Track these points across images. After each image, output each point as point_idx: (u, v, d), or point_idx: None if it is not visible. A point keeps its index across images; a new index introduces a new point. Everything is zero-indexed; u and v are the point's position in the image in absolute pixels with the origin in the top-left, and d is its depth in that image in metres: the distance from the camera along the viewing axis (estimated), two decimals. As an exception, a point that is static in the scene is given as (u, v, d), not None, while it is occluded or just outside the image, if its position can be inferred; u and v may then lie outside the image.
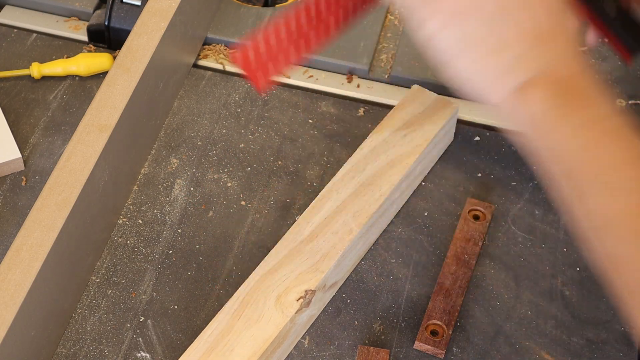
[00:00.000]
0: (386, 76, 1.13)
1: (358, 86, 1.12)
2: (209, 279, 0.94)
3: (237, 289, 0.92)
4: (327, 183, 0.97)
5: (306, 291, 0.88)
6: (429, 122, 1.01)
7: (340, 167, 1.02)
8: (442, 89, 1.01)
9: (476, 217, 0.99)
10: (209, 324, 0.87)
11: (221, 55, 1.13)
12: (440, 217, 1.00)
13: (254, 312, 0.87)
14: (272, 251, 0.91)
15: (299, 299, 0.87)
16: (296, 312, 0.87)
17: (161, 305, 0.92)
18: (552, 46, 0.74)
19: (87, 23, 1.14)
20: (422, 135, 1.00)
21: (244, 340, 0.85)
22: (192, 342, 0.88)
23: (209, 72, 1.11)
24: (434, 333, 0.90)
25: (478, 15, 0.73)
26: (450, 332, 0.90)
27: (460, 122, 1.07)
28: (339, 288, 0.94)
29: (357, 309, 0.93)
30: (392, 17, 1.18)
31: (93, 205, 0.90)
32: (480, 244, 0.97)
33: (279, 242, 0.92)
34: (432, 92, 1.04)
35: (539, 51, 0.73)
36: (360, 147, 1.00)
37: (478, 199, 1.01)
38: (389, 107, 1.05)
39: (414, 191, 1.02)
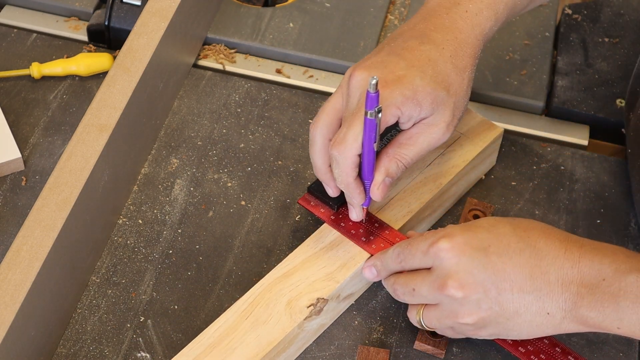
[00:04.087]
0: (386, 76, 1.13)
1: (358, 86, 1.12)
2: (209, 279, 0.94)
3: (237, 289, 0.92)
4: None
5: (318, 299, 0.87)
6: (470, 144, 0.98)
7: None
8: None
9: (476, 217, 0.99)
10: (215, 320, 0.86)
11: (221, 55, 1.13)
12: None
13: (262, 313, 0.86)
14: (291, 255, 0.90)
15: (310, 305, 0.86)
16: (305, 319, 0.86)
17: (161, 305, 0.92)
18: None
19: (87, 23, 1.14)
20: (460, 156, 0.97)
21: (247, 340, 0.84)
22: (192, 341, 0.88)
23: (209, 72, 1.11)
24: (434, 333, 0.90)
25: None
26: (450, 332, 0.90)
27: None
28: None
29: (357, 309, 0.93)
30: (392, 17, 1.18)
31: (93, 205, 0.90)
32: (480, 244, 0.97)
33: (298, 246, 0.91)
34: (477, 114, 1.01)
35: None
36: None
37: (478, 199, 1.01)
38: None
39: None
